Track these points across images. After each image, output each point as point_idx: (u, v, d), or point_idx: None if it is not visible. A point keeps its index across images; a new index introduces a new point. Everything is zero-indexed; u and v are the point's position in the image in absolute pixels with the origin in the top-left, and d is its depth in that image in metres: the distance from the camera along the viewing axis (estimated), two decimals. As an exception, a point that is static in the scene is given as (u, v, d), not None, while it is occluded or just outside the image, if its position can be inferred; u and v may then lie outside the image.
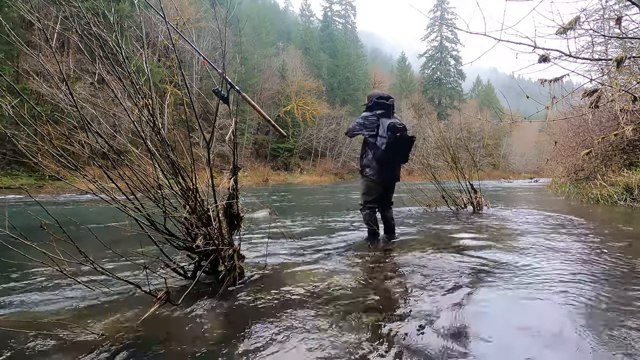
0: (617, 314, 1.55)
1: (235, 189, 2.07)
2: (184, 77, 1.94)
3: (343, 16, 52.98)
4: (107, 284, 2.03)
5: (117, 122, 2.13)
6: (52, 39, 1.72)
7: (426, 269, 2.32)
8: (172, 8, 12.69)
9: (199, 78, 28.24)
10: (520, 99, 5.19)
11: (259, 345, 1.33)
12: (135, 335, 1.43)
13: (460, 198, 5.88)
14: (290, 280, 2.12)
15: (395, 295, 1.84)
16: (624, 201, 6.61)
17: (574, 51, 3.47)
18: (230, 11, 2.13)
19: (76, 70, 2.78)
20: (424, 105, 50.81)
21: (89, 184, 1.75)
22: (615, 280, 2.03)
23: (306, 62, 40.12)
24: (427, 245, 3.11)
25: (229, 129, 2.05)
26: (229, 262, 2.00)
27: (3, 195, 9.93)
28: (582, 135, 10.31)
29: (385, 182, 3.26)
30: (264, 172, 29.60)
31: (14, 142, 1.63)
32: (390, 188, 3.37)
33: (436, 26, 58.01)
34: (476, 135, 49.07)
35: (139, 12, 2.78)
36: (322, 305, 1.71)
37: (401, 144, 3.03)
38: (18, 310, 1.75)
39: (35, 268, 2.45)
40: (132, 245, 2.99)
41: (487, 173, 42.30)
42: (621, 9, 5.80)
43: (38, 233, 1.39)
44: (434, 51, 58.60)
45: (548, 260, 2.48)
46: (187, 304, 1.72)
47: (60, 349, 1.33)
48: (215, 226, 1.97)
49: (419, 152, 7.14)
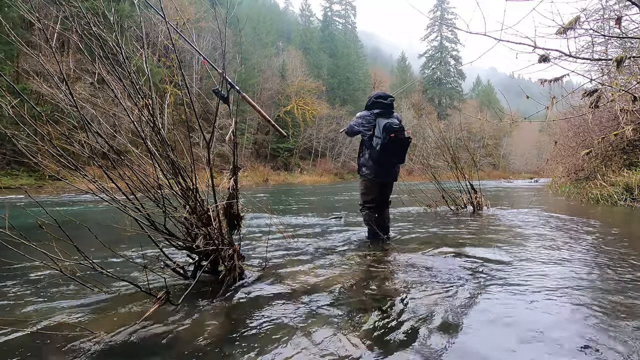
0: (617, 313, 1.55)
1: (235, 189, 2.07)
2: (184, 77, 1.94)
3: (343, 16, 53.01)
4: (106, 283, 2.02)
5: (117, 122, 2.13)
6: (52, 39, 1.72)
7: (426, 268, 2.32)
8: (172, 8, 12.69)
9: (199, 78, 28.24)
10: (520, 99, 5.19)
11: (259, 345, 1.33)
12: (135, 335, 1.43)
13: (460, 198, 5.88)
14: (291, 279, 2.12)
15: (395, 295, 1.84)
16: (624, 201, 6.61)
17: (574, 51, 3.48)
18: (230, 11, 2.13)
19: (76, 70, 2.78)
20: (424, 105, 50.81)
21: (89, 184, 1.75)
22: (615, 279, 2.03)
23: (306, 62, 40.10)
24: (427, 245, 3.11)
25: (229, 129, 2.05)
26: (229, 262, 2.00)
27: (3, 195, 9.93)
28: (582, 135, 10.31)
29: (382, 181, 3.24)
30: (264, 172, 29.61)
31: (14, 142, 1.63)
32: (388, 187, 3.35)
33: (436, 26, 58.05)
34: (476, 135, 49.07)
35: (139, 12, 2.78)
36: (323, 305, 1.71)
37: (396, 145, 2.96)
38: (18, 310, 1.75)
39: (34, 268, 2.45)
40: (132, 245, 3.00)
41: (487, 173, 42.29)
42: (621, 9, 5.80)
43: (38, 233, 1.39)
44: (434, 51, 58.61)
45: (548, 261, 2.48)
46: (187, 304, 1.72)
47: (60, 349, 1.33)
48: (215, 226, 1.97)
49: (418, 152, 7.14)
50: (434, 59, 58.35)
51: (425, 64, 59.15)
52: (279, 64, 37.54)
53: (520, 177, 43.30)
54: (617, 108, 4.81)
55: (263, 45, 36.68)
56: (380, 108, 3.10)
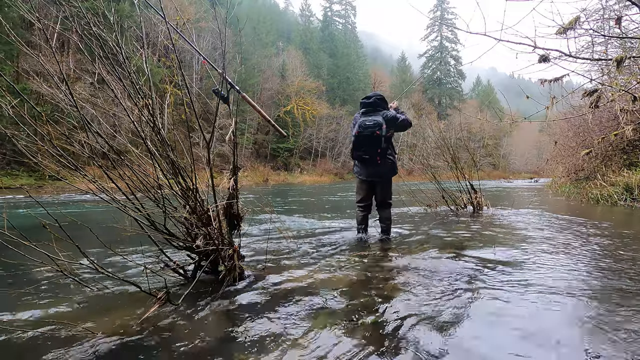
0: (617, 314, 1.55)
1: (235, 189, 2.07)
2: (184, 77, 1.94)
3: (343, 16, 53.01)
4: (106, 283, 2.03)
5: (117, 122, 2.13)
6: (52, 39, 1.72)
7: (426, 269, 2.32)
8: (172, 8, 12.69)
9: (199, 78, 28.23)
10: (520, 99, 5.19)
11: (259, 345, 1.33)
12: (135, 335, 1.43)
13: (460, 198, 5.88)
14: (290, 280, 2.12)
15: (394, 295, 1.84)
16: (624, 201, 6.61)
17: (574, 51, 3.48)
18: (230, 11, 2.13)
19: (76, 70, 2.78)
20: (424, 105, 50.78)
21: (89, 184, 1.75)
22: (615, 279, 2.03)
23: (306, 62, 40.10)
24: (427, 245, 3.11)
25: (229, 129, 2.05)
26: (229, 262, 2.00)
27: (3, 195, 9.93)
28: (582, 135, 10.31)
29: (366, 179, 3.32)
30: (264, 172, 29.60)
31: (14, 142, 1.63)
32: (379, 186, 3.34)
33: (436, 26, 58.02)
34: (476, 135, 49.06)
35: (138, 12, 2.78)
36: (322, 305, 1.71)
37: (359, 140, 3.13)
38: (17, 310, 1.75)
39: (34, 268, 2.44)
40: (132, 245, 3.00)
41: (487, 173, 42.29)
42: (621, 9, 5.80)
43: (38, 233, 1.39)
44: (434, 51, 58.59)
45: (548, 261, 2.48)
46: (187, 304, 1.72)
47: (59, 349, 1.33)
48: (215, 226, 1.97)
49: (418, 152, 7.15)
50: (434, 59, 58.32)
51: (425, 64, 59.10)
52: (279, 64, 37.53)
53: (520, 177, 43.30)
54: (617, 108, 4.81)
55: (263, 45, 36.67)
56: (363, 107, 3.27)
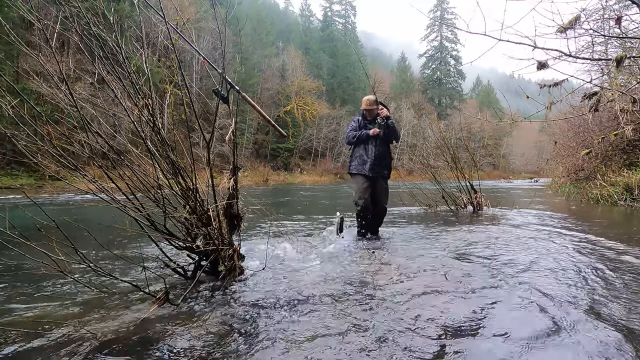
0: (617, 313, 1.55)
1: (235, 189, 2.07)
2: (184, 77, 1.94)
3: (343, 16, 52.94)
4: (106, 284, 2.02)
5: (117, 122, 2.13)
6: (52, 39, 1.72)
7: (425, 269, 2.32)
8: (172, 8, 12.68)
9: (199, 78, 28.20)
10: (520, 98, 5.19)
11: (259, 345, 1.33)
12: (134, 335, 1.43)
13: (460, 198, 5.88)
14: (291, 279, 2.12)
15: (394, 295, 1.84)
16: (624, 201, 6.61)
17: (574, 51, 3.47)
18: (230, 11, 2.13)
19: (76, 70, 2.78)
20: (424, 105, 50.76)
21: (89, 184, 1.75)
22: (614, 279, 2.03)
23: (306, 62, 40.06)
24: (426, 245, 3.11)
25: (229, 129, 2.05)
26: (229, 262, 2.00)
27: (3, 195, 9.93)
28: (582, 135, 10.31)
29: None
30: (264, 172, 29.58)
31: (14, 142, 1.63)
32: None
33: (436, 26, 58.00)
34: (476, 135, 48.99)
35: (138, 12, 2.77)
36: (322, 305, 1.71)
37: None
38: (17, 310, 1.75)
39: (34, 268, 2.45)
40: (132, 245, 3.00)
41: (487, 173, 42.22)
42: (621, 8, 5.80)
43: (37, 233, 1.39)
44: (434, 51, 58.55)
45: (548, 261, 2.48)
46: (187, 304, 1.72)
47: (59, 349, 1.33)
48: (215, 226, 1.97)
49: (418, 152, 7.15)
50: (434, 59, 58.28)
51: (425, 64, 59.08)
52: (279, 64, 37.48)
53: (520, 177, 43.30)
54: (617, 108, 4.81)
55: (263, 45, 36.63)
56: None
